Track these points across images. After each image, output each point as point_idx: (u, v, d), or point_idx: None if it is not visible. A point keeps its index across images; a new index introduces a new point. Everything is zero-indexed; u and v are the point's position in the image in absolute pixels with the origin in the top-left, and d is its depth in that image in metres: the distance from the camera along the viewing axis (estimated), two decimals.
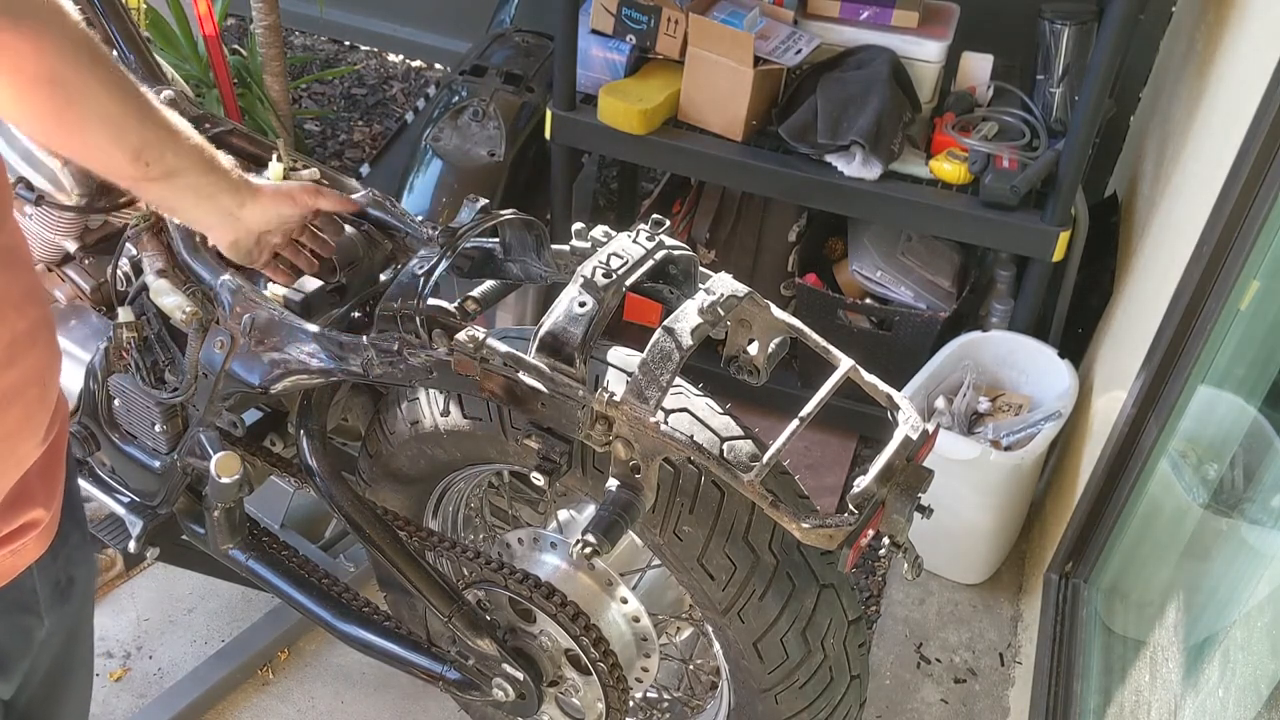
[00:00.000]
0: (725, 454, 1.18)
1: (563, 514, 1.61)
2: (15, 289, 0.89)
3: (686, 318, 1.13)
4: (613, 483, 1.14)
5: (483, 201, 1.31)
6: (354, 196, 1.43)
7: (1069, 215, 2.09)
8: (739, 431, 1.23)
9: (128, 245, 1.52)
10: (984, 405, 2.26)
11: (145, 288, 1.44)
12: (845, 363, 1.18)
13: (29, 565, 1.00)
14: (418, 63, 3.85)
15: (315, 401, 1.44)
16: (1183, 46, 2.28)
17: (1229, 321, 1.57)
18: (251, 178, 1.24)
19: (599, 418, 1.12)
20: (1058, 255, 2.11)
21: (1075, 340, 2.36)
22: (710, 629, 1.37)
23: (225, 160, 1.17)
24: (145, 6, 2.47)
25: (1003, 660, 2.13)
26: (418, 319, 1.22)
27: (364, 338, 1.27)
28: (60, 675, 1.17)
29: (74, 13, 0.92)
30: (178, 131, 1.08)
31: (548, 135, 2.39)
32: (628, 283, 1.18)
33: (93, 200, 1.63)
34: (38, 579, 1.03)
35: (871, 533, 1.10)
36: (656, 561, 1.49)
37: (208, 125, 1.50)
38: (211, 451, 1.43)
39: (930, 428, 1.14)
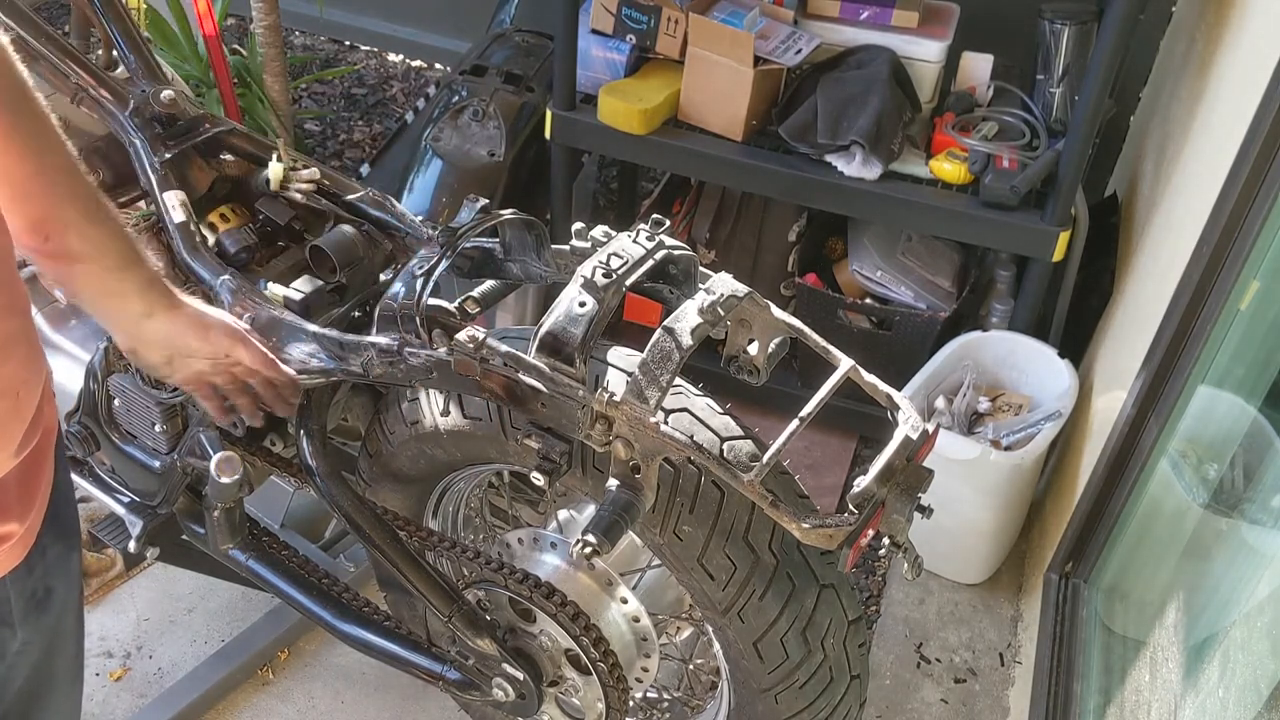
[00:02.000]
0: (725, 454, 1.18)
1: (563, 514, 1.61)
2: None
3: (686, 318, 1.13)
4: (613, 483, 1.14)
5: (483, 201, 1.31)
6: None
7: (1069, 215, 2.09)
8: (739, 431, 1.23)
9: None
10: (984, 405, 2.26)
11: None
12: (845, 363, 1.18)
13: (1, 577, 0.98)
14: (418, 63, 3.85)
15: (315, 401, 1.44)
16: (1183, 46, 2.28)
17: (1229, 321, 1.57)
18: (181, 296, 1.15)
19: (599, 418, 1.12)
20: (1058, 255, 2.11)
21: (1075, 340, 2.36)
22: (710, 629, 1.37)
23: (150, 265, 1.09)
24: (145, 6, 2.47)
25: (1003, 660, 2.13)
26: (418, 319, 1.22)
27: (364, 338, 1.27)
28: (41, 688, 1.14)
29: (16, 65, 0.87)
30: (100, 218, 1.01)
31: (548, 135, 2.39)
32: (628, 283, 1.18)
33: None
34: (11, 591, 1.00)
35: (871, 533, 1.10)
36: (656, 561, 1.49)
37: (208, 125, 1.50)
38: (211, 451, 1.43)
39: (930, 428, 1.14)
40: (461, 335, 1.18)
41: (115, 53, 1.59)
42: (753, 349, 1.24)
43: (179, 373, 1.22)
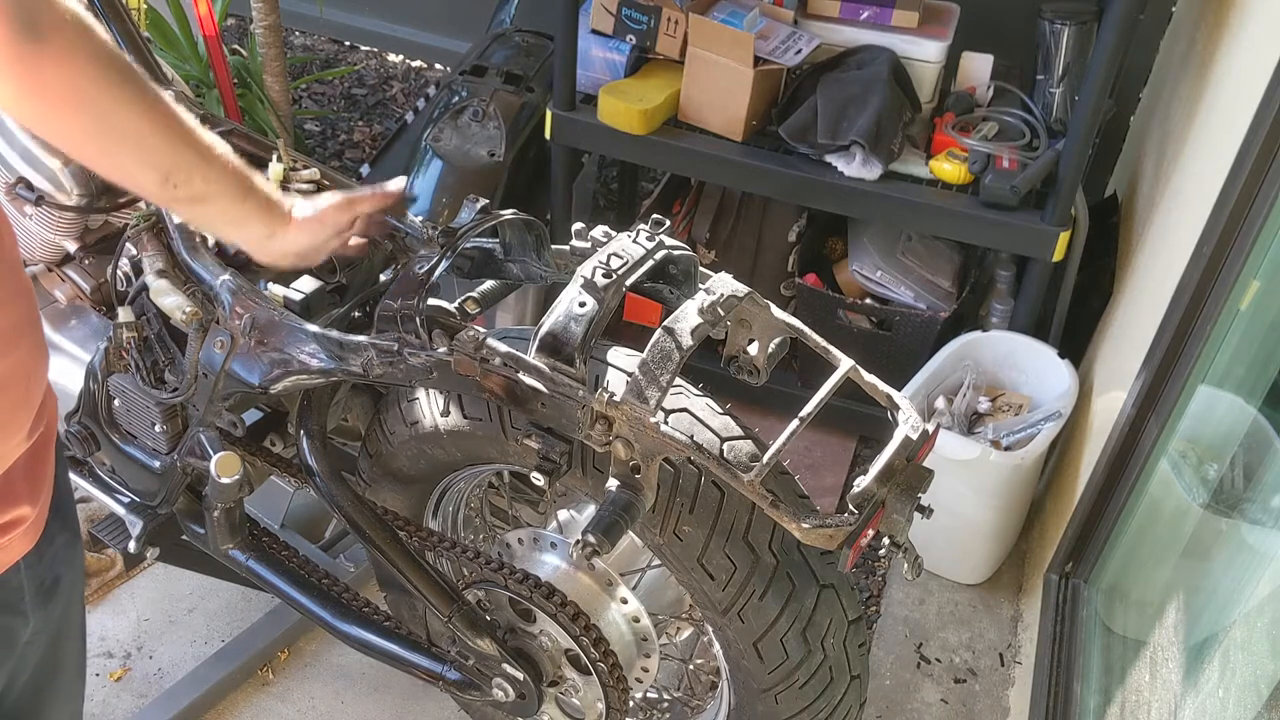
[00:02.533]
0: (725, 454, 1.18)
1: (563, 514, 1.61)
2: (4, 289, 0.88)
3: (686, 318, 1.13)
4: (613, 483, 1.14)
5: (483, 201, 1.31)
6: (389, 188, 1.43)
7: (1069, 215, 2.09)
8: (739, 431, 1.23)
9: (128, 245, 1.52)
10: (984, 405, 2.26)
11: (145, 288, 1.44)
12: (845, 363, 1.18)
13: (14, 563, 1.00)
14: (418, 63, 3.85)
15: (315, 401, 1.44)
16: (1183, 46, 2.28)
17: (1229, 321, 1.57)
18: (294, 203, 1.20)
19: (599, 418, 1.12)
20: (1058, 255, 2.11)
21: (1075, 340, 2.36)
22: (710, 629, 1.37)
23: (264, 187, 1.14)
24: (145, 6, 2.47)
25: (1003, 660, 2.13)
26: (418, 319, 1.22)
27: (364, 338, 1.27)
28: (47, 677, 1.16)
29: (101, 30, 0.90)
30: (212, 156, 1.05)
31: (548, 135, 2.39)
32: (628, 283, 1.18)
33: (93, 200, 1.63)
34: (24, 577, 1.03)
35: (871, 533, 1.10)
36: (656, 561, 1.49)
37: (207, 125, 1.50)
38: (211, 451, 1.43)
39: (930, 428, 1.14)
40: (461, 335, 1.18)
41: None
42: (753, 349, 1.24)
43: (320, 258, 1.28)
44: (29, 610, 1.05)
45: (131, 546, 1.61)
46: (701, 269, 1.27)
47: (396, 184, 1.32)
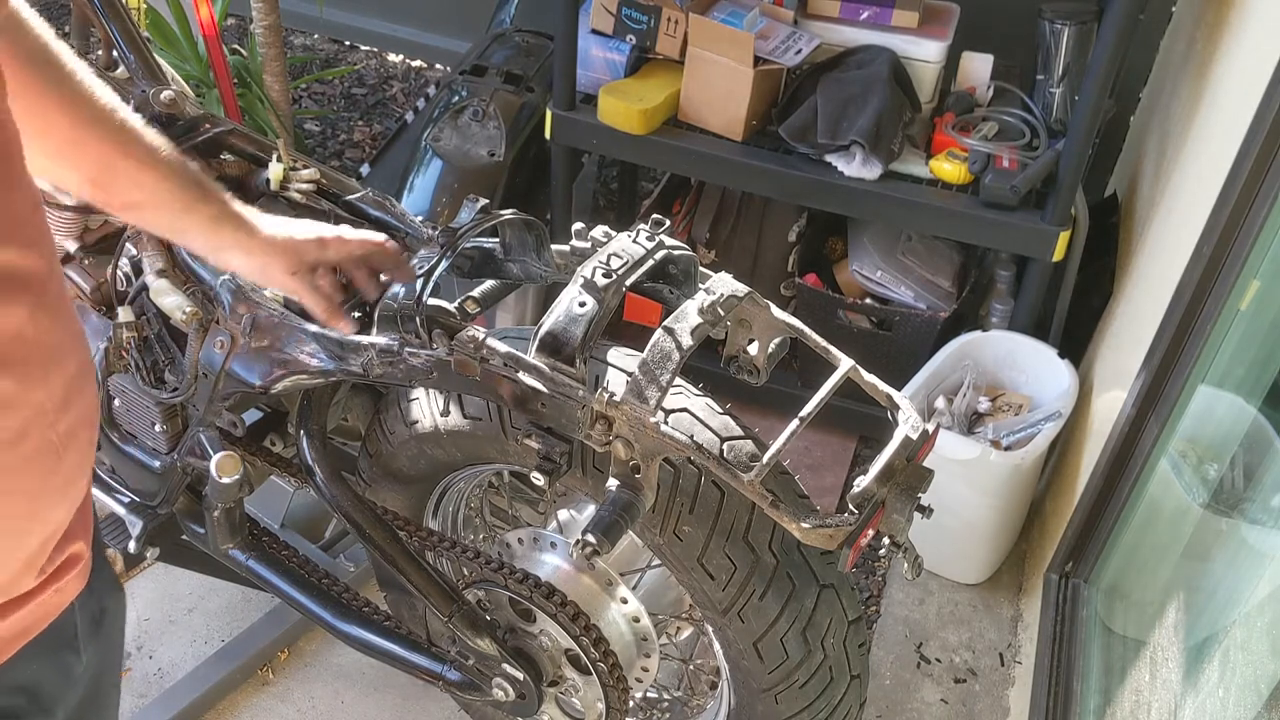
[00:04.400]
0: (725, 454, 1.18)
1: (563, 514, 1.61)
2: (68, 335, 0.85)
3: (686, 318, 1.13)
4: (613, 483, 1.14)
5: (483, 201, 1.31)
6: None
7: (1069, 215, 2.09)
8: (739, 431, 1.23)
9: (128, 245, 1.52)
10: (984, 405, 2.26)
11: (145, 288, 1.44)
12: (845, 363, 1.18)
13: (70, 602, 0.96)
14: (418, 63, 3.85)
15: (315, 401, 1.44)
16: (1183, 46, 2.28)
17: (1229, 321, 1.57)
18: (256, 222, 1.14)
19: (599, 418, 1.12)
20: (1058, 255, 2.11)
21: (1075, 340, 2.36)
22: (710, 629, 1.37)
23: (214, 203, 1.09)
24: (145, 6, 2.46)
25: (1003, 660, 2.13)
26: (418, 319, 1.22)
27: (364, 338, 1.27)
28: (90, 705, 1.12)
29: (36, 27, 0.88)
30: (153, 163, 1.01)
31: (548, 135, 2.39)
32: (628, 283, 1.18)
33: None
34: (78, 614, 1.00)
35: (871, 533, 1.10)
36: (656, 561, 1.49)
37: (208, 125, 1.50)
38: (211, 451, 1.43)
39: (930, 428, 1.14)
40: (461, 335, 1.18)
41: (115, 53, 1.59)
42: (753, 349, 1.24)
43: (274, 286, 1.22)
44: (82, 646, 1.03)
45: (131, 546, 1.61)
46: (701, 269, 1.27)
47: (379, 238, 1.26)
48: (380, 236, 1.26)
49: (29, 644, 0.89)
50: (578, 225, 1.31)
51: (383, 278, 1.48)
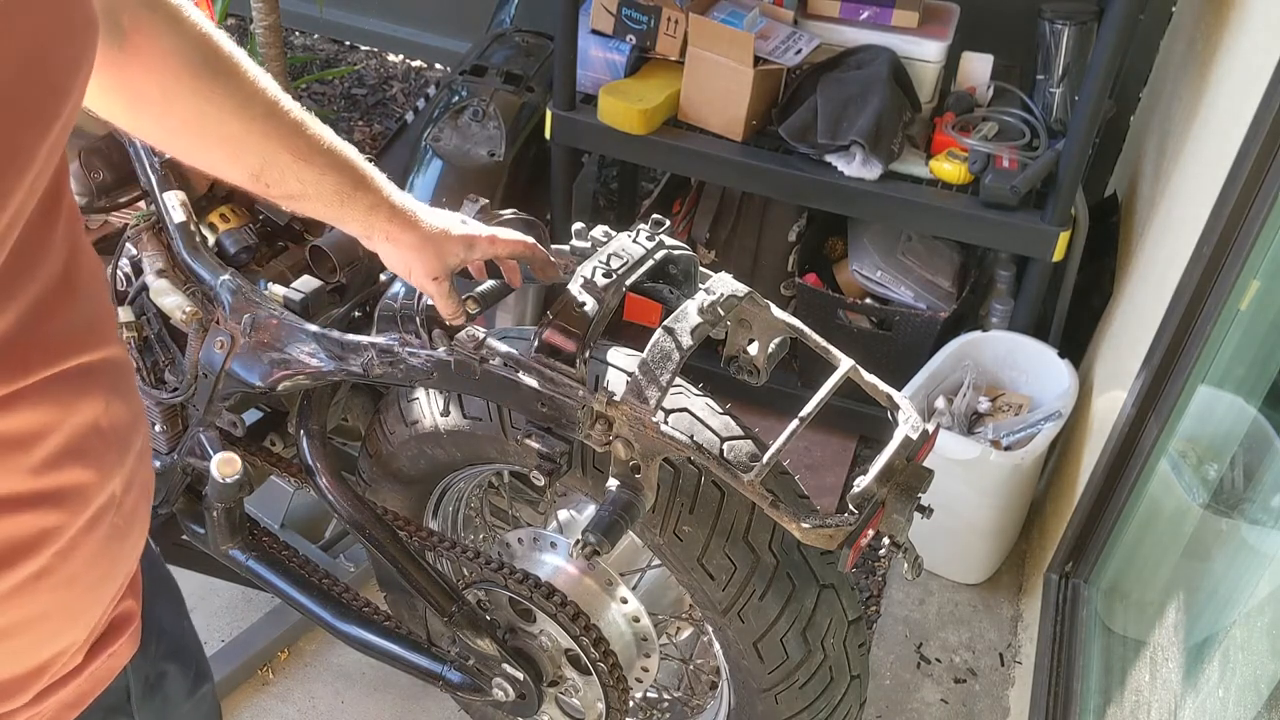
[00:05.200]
0: (725, 454, 1.18)
1: (563, 514, 1.61)
2: (135, 414, 0.83)
3: (686, 318, 1.13)
4: (613, 483, 1.14)
5: (483, 201, 1.31)
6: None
7: (1069, 215, 2.09)
8: (739, 431, 1.23)
9: (128, 245, 1.52)
10: (984, 405, 2.26)
11: (145, 288, 1.44)
12: (845, 363, 1.18)
13: (123, 667, 0.92)
14: (418, 63, 3.85)
15: (315, 401, 1.44)
16: (1183, 46, 2.28)
17: (1229, 321, 1.57)
18: (411, 216, 1.12)
19: (599, 418, 1.12)
20: (1058, 255, 2.11)
21: (1075, 340, 2.36)
22: (710, 629, 1.37)
23: (370, 194, 1.09)
24: None
25: (1003, 660, 2.13)
26: (418, 319, 1.22)
27: (364, 338, 1.27)
28: None
29: (196, 23, 0.86)
30: (312, 158, 1.01)
31: (548, 135, 2.39)
32: (628, 283, 1.18)
33: (92, 200, 1.62)
34: (131, 678, 0.96)
35: (871, 533, 1.10)
36: (656, 561, 1.49)
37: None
38: (211, 451, 1.43)
39: (930, 428, 1.14)
40: (461, 335, 1.18)
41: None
42: (753, 349, 1.24)
43: (414, 284, 1.21)
44: (135, 710, 0.99)
45: None
46: (701, 269, 1.27)
47: (528, 240, 1.23)
48: (529, 239, 1.24)
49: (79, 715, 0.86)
50: (578, 225, 1.31)
51: (382, 278, 1.48)
